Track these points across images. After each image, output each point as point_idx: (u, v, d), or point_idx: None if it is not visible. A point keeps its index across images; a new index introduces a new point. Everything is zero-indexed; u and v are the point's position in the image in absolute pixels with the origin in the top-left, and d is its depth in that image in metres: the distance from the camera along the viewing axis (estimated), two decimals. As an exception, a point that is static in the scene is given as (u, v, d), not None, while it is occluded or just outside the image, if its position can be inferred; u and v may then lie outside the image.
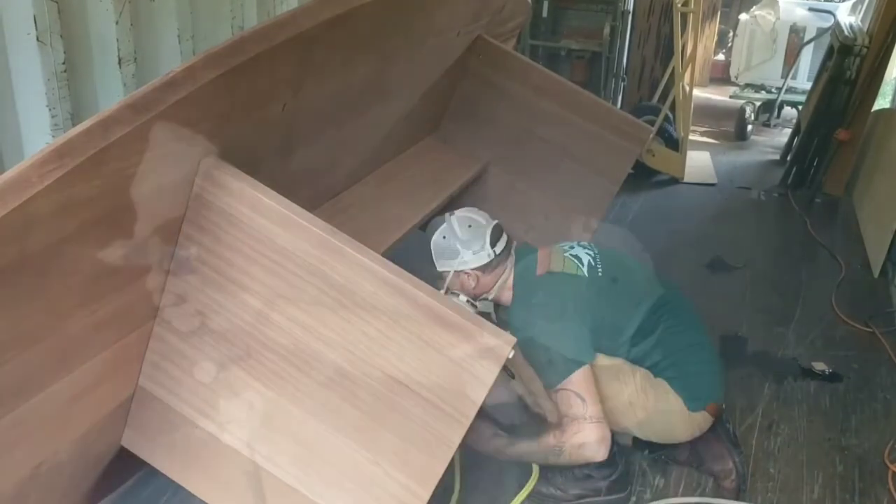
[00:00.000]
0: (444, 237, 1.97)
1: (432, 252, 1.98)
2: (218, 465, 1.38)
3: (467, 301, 1.99)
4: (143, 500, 1.82)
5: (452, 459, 1.34)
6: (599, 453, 1.82)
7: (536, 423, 1.93)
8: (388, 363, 1.28)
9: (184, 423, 1.37)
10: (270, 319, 1.30)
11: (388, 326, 1.27)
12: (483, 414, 1.50)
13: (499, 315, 2.06)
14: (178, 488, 1.44)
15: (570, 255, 1.96)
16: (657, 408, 1.90)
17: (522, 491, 1.91)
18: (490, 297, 2.02)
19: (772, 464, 2.14)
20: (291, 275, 1.28)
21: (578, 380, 1.82)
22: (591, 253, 1.98)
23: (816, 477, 2.10)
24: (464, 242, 1.95)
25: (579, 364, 1.82)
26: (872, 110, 4.55)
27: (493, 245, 1.96)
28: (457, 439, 1.28)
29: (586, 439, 1.81)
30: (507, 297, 2.00)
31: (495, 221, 2.01)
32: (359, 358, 1.29)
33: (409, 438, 1.29)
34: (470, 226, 1.97)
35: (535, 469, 1.96)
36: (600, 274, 1.93)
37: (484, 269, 1.96)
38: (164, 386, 1.38)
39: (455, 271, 1.96)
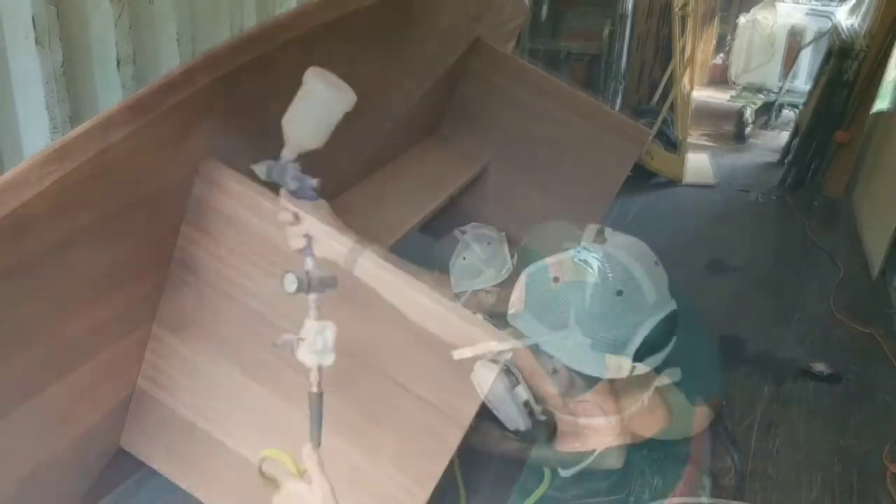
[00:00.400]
0: (465, 258, 1.92)
1: (451, 276, 1.92)
2: (216, 466, 1.38)
3: (484, 319, 1.97)
4: (141, 500, 1.82)
5: (454, 466, 1.34)
6: (617, 462, 1.83)
7: (542, 430, 1.92)
8: (386, 364, 1.28)
9: (182, 424, 1.38)
10: (269, 321, 1.30)
11: (387, 328, 1.27)
12: (491, 417, 1.49)
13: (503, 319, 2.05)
14: (176, 489, 1.44)
15: (579, 259, 1.93)
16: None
17: (532, 497, 1.90)
18: (510, 310, 2.00)
19: (770, 464, 2.14)
20: (290, 276, 1.28)
21: (599, 392, 1.82)
22: (598, 256, 1.95)
23: (815, 478, 2.10)
24: (485, 261, 1.90)
25: (600, 376, 1.82)
26: (871, 112, 4.55)
27: (511, 257, 1.93)
28: (456, 441, 1.28)
29: (609, 450, 1.82)
30: (518, 305, 1.99)
31: (503, 233, 1.98)
32: (357, 359, 1.29)
33: (407, 440, 1.30)
34: (489, 243, 1.93)
35: (548, 474, 1.94)
36: (610, 278, 1.91)
37: (503, 284, 1.92)
38: (163, 387, 1.38)
39: (473, 291, 1.91)
